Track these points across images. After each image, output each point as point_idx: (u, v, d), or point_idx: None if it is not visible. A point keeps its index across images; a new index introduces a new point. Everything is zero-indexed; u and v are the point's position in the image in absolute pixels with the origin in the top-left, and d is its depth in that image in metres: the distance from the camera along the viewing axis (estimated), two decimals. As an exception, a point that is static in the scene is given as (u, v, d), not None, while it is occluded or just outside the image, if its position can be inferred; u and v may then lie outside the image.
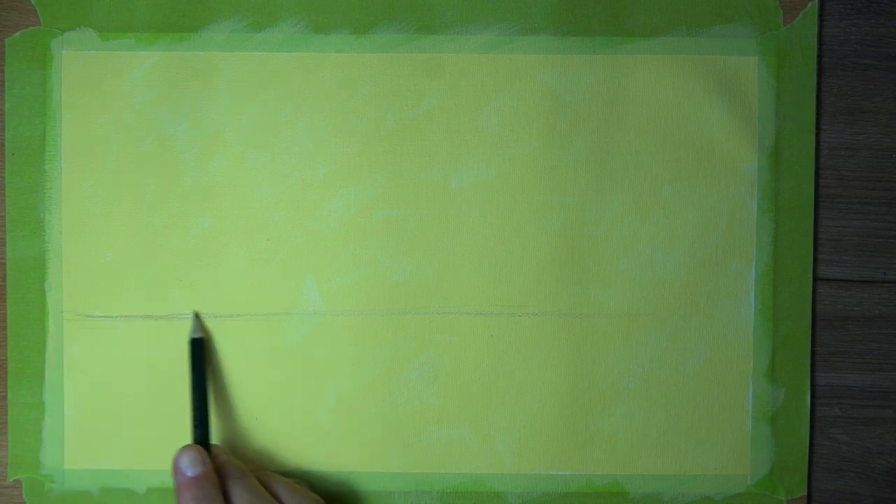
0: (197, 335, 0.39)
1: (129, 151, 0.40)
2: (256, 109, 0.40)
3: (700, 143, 0.40)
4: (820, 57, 0.40)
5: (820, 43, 0.40)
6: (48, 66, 0.40)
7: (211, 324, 0.40)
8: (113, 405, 0.40)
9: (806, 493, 0.40)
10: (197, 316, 0.39)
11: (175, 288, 0.40)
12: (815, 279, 0.40)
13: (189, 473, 0.35)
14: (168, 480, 0.40)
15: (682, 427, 0.40)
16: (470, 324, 0.40)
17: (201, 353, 0.39)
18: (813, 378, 0.40)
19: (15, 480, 0.40)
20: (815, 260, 0.40)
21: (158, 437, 0.40)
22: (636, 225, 0.40)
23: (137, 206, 0.40)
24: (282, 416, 0.40)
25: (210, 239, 0.40)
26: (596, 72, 0.39)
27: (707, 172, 0.40)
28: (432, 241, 0.40)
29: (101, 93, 0.40)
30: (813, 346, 0.40)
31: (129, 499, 0.40)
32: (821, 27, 0.40)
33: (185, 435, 0.39)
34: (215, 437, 0.40)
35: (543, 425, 0.40)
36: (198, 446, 0.36)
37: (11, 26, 0.40)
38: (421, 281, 0.40)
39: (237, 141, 0.40)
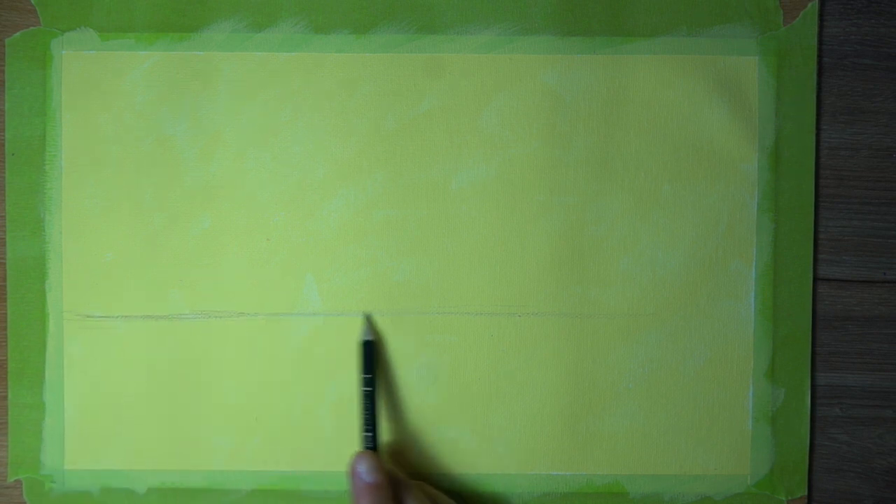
0: (368, 337, 0.38)
1: (129, 151, 0.40)
2: (256, 109, 0.40)
3: (700, 143, 0.40)
4: (820, 57, 0.40)
5: (820, 43, 0.40)
6: (48, 66, 0.40)
7: (211, 324, 0.40)
8: (113, 405, 0.40)
9: (806, 493, 0.40)
10: (368, 318, 0.39)
11: (175, 288, 0.40)
12: (815, 279, 0.40)
13: (367, 479, 0.34)
14: (168, 480, 0.40)
15: (682, 427, 0.40)
16: (470, 324, 0.40)
17: (372, 355, 0.38)
18: (813, 378, 0.40)
19: (15, 480, 0.40)
20: (815, 260, 0.40)
21: (158, 437, 0.40)
22: (636, 225, 0.40)
23: (137, 206, 0.40)
24: (282, 416, 0.40)
25: (210, 239, 0.40)
26: (596, 72, 0.39)
27: (707, 172, 0.40)
28: (432, 241, 0.40)
29: (101, 93, 0.40)
30: (813, 346, 0.40)
31: (129, 499, 0.40)
32: (821, 27, 0.40)
33: (186, 435, 0.39)
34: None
35: (543, 425, 0.40)
36: (374, 453, 0.36)
37: (11, 26, 0.40)
38: (421, 281, 0.40)
39: (237, 141, 0.40)
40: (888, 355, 0.40)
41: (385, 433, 0.40)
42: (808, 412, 0.40)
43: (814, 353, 0.40)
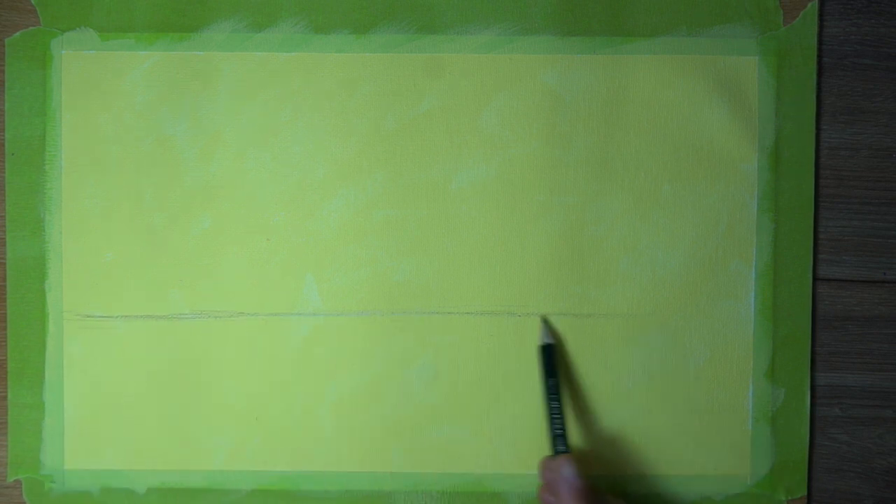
0: (547, 341, 0.38)
1: (129, 151, 0.40)
2: (256, 109, 0.40)
3: (700, 143, 0.40)
4: (820, 57, 0.40)
5: (820, 43, 0.40)
6: (48, 66, 0.40)
7: (211, 324, 0.40)
8: (113, 405, 0.40)
9: (806, 493, 0.40)
10: (546, 320, 0.39)
11: (175, 288, 0.40)
12: (815, 279, 0.40)
13: (577, 483, 0.34)
14: (168, 480, 0.40)
15: (682, 427, 0.40)
16: (470, 324, 0.40)
17: (553, 358, 0.38)
18: (813, 378, 0.40)
19: (15, 480, 0.40)
20: (815, 260, 0.40)
21: (158, 437, 0.40)
22: (636, 225, 0.40)
23: (137, 206, 0.40)
24: (282, 416, 0.40)
25: (210, 239, 0.40)
26: (596, 72, 0.39)
27: (707, 172, 0.40)
28: (432, 241, 0.40)
29: (101, 93, 0.40)
30: (813, 346, 0.40)
31: (129, 499, 0.40)
32: (821, 27, 0.40)
33: (186, 435, 0.39)
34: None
35: (543, 425, 0.40)
36: (574, 457, 0.36)
37: (11, 26, 0.40)
38: (421, 281, 0.40)
39: (237, 141, 0.40)
40: (888, 355, 0.40)
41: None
42: (808, 412, 0.40)
43: (814, 353, 0.40)
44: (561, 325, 0.39)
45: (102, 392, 0.40)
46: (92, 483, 0.40)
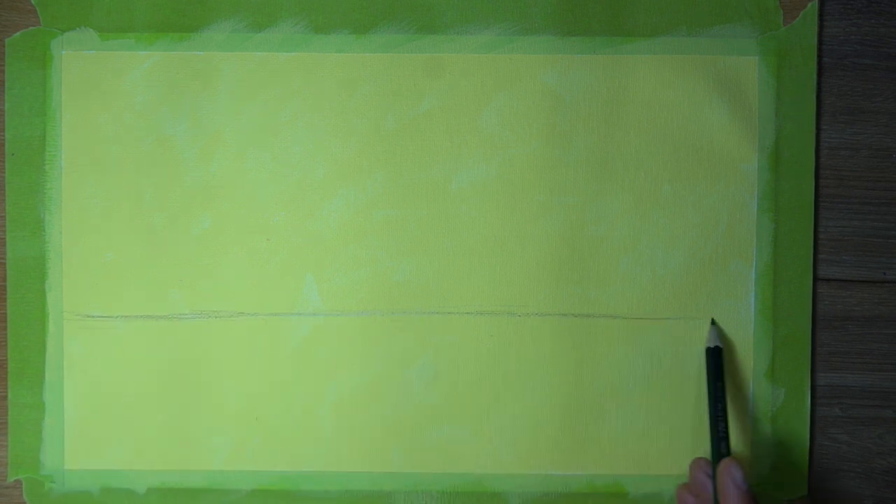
0: (714, 344, 0.38)
1: (129, 151, 0.40)
2: (256, 109, 0.40)
3: (700, 143, 0.40)
4: (820, 57, 0.40)
5: (820, 43, 0.40)
6: (48, 66, 0.40)
7: (211, 324, 0.40)
8: (113, 405, 0.40)
9: (806, 493, 0.40)
10: (716, 324, 0.39)
11: (175, 288, 0.40)
12: (815, 279, 0.40)
13: (744, 487, 0.34)
14: (168, 480, 0.40)
15: (682, 427, 0.40)
16: (470, 324, 0.40)
17: (720, 362, 0.38)
18: (813, 378, 0.40)
19: (15, 480, 0.40)
20: (815, 260, 0.40)
21: (158, 437, 0.40)
22: (636, 225, 0.40)
23: (137, 206, 0.40)
24: (282, 416, 0.40)
25: (210, 239, 0.40)
26: (596, 72, 0.39)
27: (707, 172, 0.40)
28: (432, 241, 0.40)
29: (101, 93, 0.40)
30: (813, 346, 0.40)
31: (129, 499, 0.40)
32: (821, 27, 0.40)
33: (186, 435, 0.39)
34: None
35: (543, 425, 0.40)
36: (740, 461, 0.36)
37: (11, 26, 0.40)
38: (421, 281, 0.40)
39: (237, 141, 0.40)
40: (888, 355, 0.40)
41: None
42: (808, 412, 0.40)
43: (814, 353, 0.40)
44: (561, 326, 0.39)
45: (102, 392, 0.40)
46: (92, 483, 0.40)
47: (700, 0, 0.39)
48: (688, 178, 0.40)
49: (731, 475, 0.34)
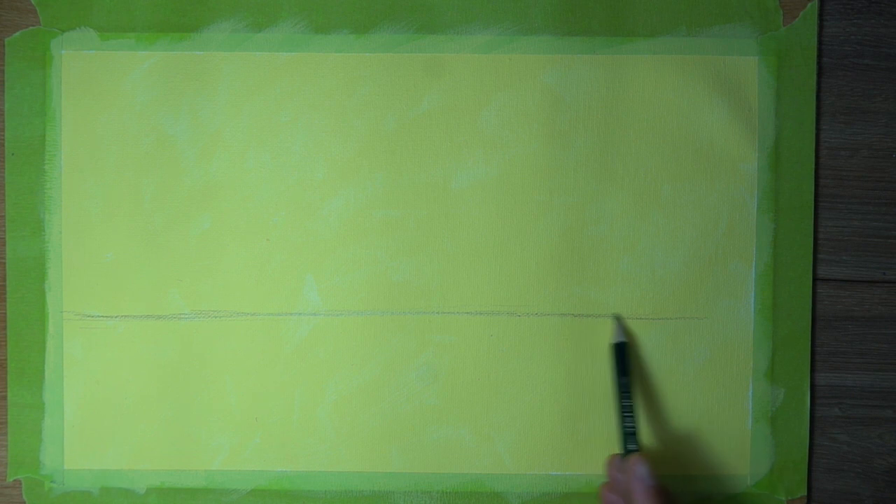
0: (620, 339, 0.38)
1: (129, 151, 0.40)
2: (256, 109, 0.40)
3: (700, 143, 0.40)
4: (820, 57, 0.40)
5: (820, 43, 0.40)
6: (48, 66, 0.40)
7: (211, 324, 0.40)
8: (112, 405, 0.40)
9: (806, 493, 0.40)
10: (619, 319, 0.39)
11: (175, 288, 0.40)
12: (815, 279, 0.40)
13: (651, 483, 0.34)
14: (168, 480, 0.40)
15: (682, 427, 0.40)
16: (470, 324, 0.40)
17: (626, 357, 0.38)
18: (813, 378, 0.40)
19: (15, 480, 0.40)
20: (815, 260, 0.40)
21: (158, 437, 0.40)
22: (636, 225, 0.40)
23: (137, 206, 0.40)
24: (282, 416, 0.40)
25: (210, 239, 0.40)
26: (596, 72, 0.39)
27: (707, 172, 0.40)
28: (432, 241, 0.40)
29: (101, 93, 0.40)
30: (813, 346, 0.40)
31: (129, 499, 0.40)
32: (821, 27, 0.40)
33: (186, 435, 0.39)
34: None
35: (543, 425, 0.40)
36: (647, 456, 0.36)
37: (11, 26, 0.40)
38: (421, 281, 0.40)
39: (237, 141, 0.40)
40: (888, 355, 0.40)
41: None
42: (808, 412, 0.40)
43: (813, 353, 0.40)
44: (561, 325, 0.39)
45: (102, 392, 0.40)
46: (92, 483, 0.40)
47: (700, 0, 0.39)
48: (688, 178, 0.40)
49: (635, 472, 0.35)
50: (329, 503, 0.40)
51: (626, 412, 0.37)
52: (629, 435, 0.37)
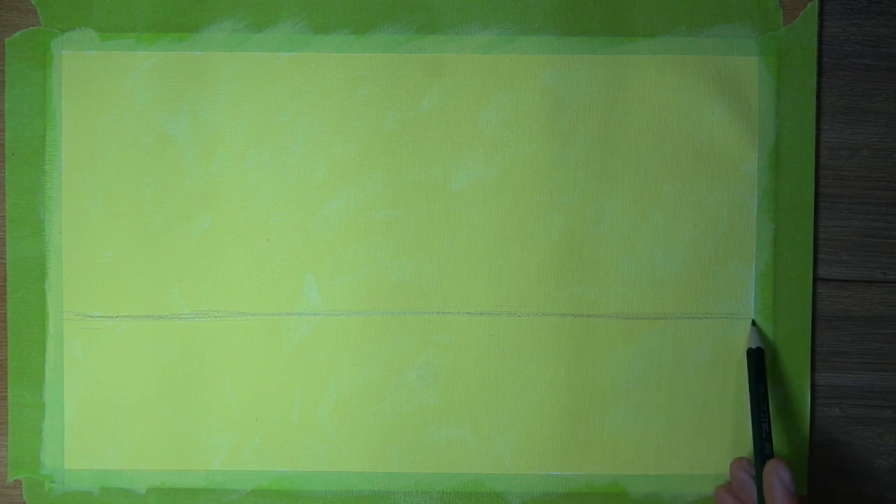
0: (756, 345, 0.38)
1: (129, 151, 0.40)
2: (256, 109, 0.40)
3: (700, 143, 0.40)
4: (820, 57, 0.40)
5: (820, 43, 0.40)
6: (48, 66, 0.40)
7: (211, 324, 0.40)
8: (113, 405, 0.40)
9: (806, 493, 0.40)
10: (756, 325, 0.39)
11: (175, 288, 0.40)
12: (815, 279, 0.40)
13: (793, 489, 0.34)
14: (168, 480, 0.40)
15: (682, 427, 0.40)
16: (470, 324, 0.40)
17: (762, 363, 0.38)
18: (813, 378, 0.40)
19: (15, 480, 0.40)
20: (815, 260, 0.40)
21: (158, 437, 0.40)
22: (636, 225, 0.40)
23: (137, 206, 0.40)
24: (282, 416, 0.40)
25: (210, 239, 0.40)
26: (596, 72, 0.39)
27: (707, 172, 0.40)
28: (432, 241, 0.40)
29: (101, 93, 0.40)
30: (813, 346, 0.40)
31: (129, 499, 0.40)
32: (821, 27, 0.40)
33: (186, 435, 0.39)
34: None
35: (543, 425, 0.40)
36: (790, 463, 0.36)
37: (11, 26, 0.40)
38: (421, 281, 0.40)
39: (237, 141, 0.40)
40: (888, 355, 0.40)
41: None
42: (808, 412, 0.40)
43: (814, 353, 0.40)
44: (561, 325, 0.39)
45: (102, 392, 0.40)
46: (92, 483, 0.40)
47: (700, 0, 0.39)
48: (688, 178, 0.40)
49: (779, 476, 0.34)
50: (329, 503, 0.40)
51: (763, 417, 0.37)
52: (766, 440, 0.36)
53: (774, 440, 0.39)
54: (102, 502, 0.40)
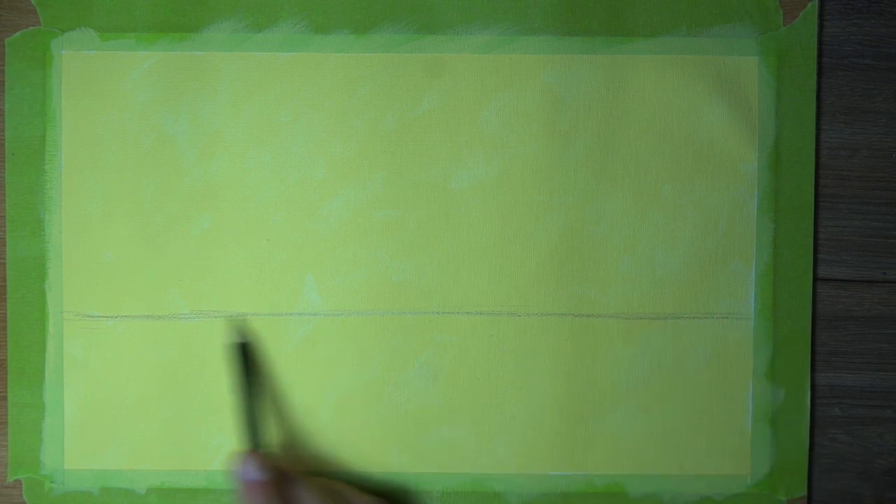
0: (240, 339, 0.39)
1: (129, 151, 0.40)
2: (256, 109, 0.40)
3: (700, 143, 0.40)
4: (820, 57, 0.40)
5: (820, 43, 0.40)
6: (48, 66, 0.40)
7: (211, 324, 0.40)
8: (113, 405, 0.40)
9: (806, 493, 0.40)
10: (240, 321, 0.39)
11: (175, 288, 0.40)
12: (815, 279, 0.40)
13: (252, 477, 0.35)
14: (168, 480, 0.40)
15: (682, 427, 0.40)
16: (470, 324, 0.40)
17: (245, 358, 0.38)
18: (813, 378, 0.40)
19: (15, 480, 0.40)
20: (815, 260, 0.40)
21: (158, 437, 0.40)
22: (636, 225, 0.40)
23: (137, 206, 0.40)
24: (282, 415, 0.40)
25: (210, 239, 0.40)
26: (596, 72, 0.39)
27: (707, 172, 0.40)
28: (432, 241, 0.40)
29: (101, 93, 0.40)
30: (813, 346, 0.40)
31: (129, 499, 0.40)
32: (821, 27, 0.40)
33: (186, 435, 0.39)
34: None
35: (543, 425, 0.40)
36: (260, 452, 0.36)
37: (11, 26, 0.40)
38: (421, 281, 0.40)
39: (237, 141, 0.40)
40: (888, 355, 0.40)
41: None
42: (808, 412, 0.40)
43: (814, 353, 0.40)
44: (561, 325, 0.40)
45: (102, 392, 0.40)
46: (92, 483, 0.40)
47: (700, 0, 0.39)
48: (688, 178, 0.40)
49: (240, 468, 0.35)
50: (329, 503, 0.40)
51: (247, 411, 0.38)
52: (248, 434, 0.37)
53: (776, 440, 0.39)
54: (102, 502, 0.40)
